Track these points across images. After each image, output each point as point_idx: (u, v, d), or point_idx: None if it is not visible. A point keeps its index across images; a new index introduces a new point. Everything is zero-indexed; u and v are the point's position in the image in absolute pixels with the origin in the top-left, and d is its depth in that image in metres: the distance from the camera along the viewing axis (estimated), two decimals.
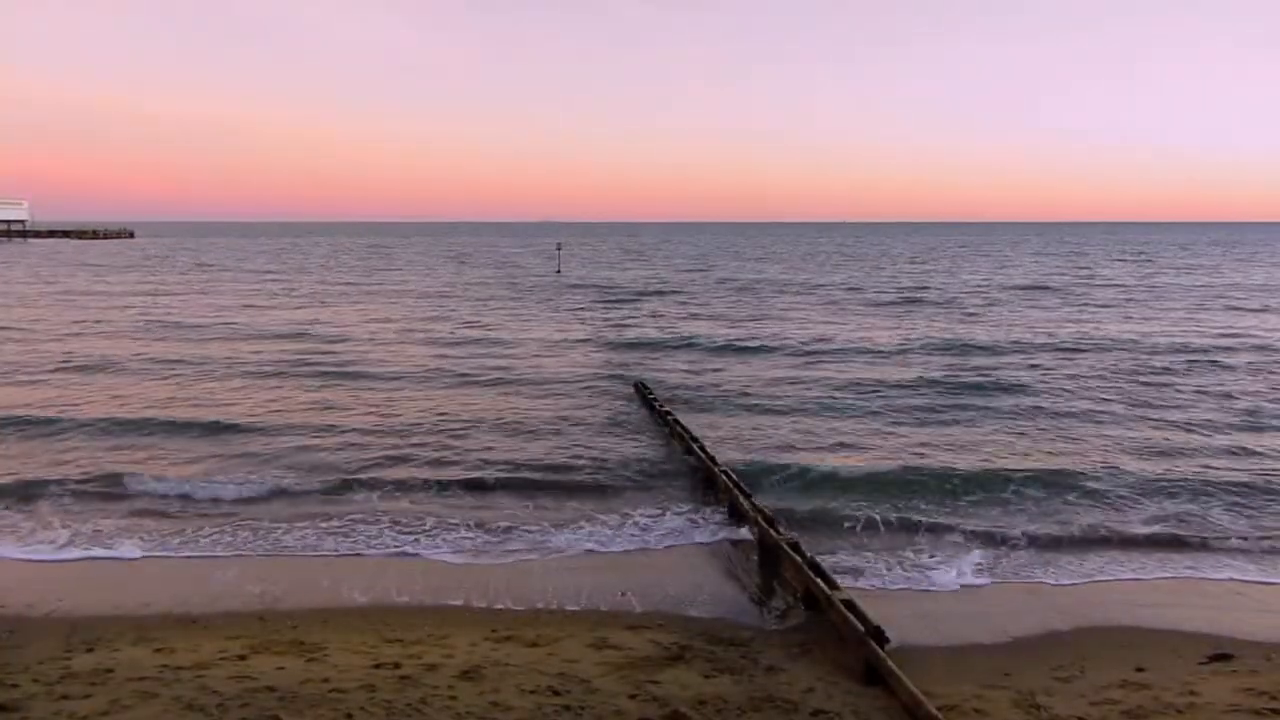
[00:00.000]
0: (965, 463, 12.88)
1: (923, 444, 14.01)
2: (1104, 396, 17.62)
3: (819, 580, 7.91)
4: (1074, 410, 16.40)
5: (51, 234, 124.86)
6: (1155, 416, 15.99)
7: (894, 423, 15.56)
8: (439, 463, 13.05)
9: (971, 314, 33.02)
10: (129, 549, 9.72)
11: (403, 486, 11.80)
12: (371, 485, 11.83)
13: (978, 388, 18.46)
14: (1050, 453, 13.56)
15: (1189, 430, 15.01)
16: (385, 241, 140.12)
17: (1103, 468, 12.61)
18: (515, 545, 9.93)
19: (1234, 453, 13.62)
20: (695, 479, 12.21)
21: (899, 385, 18.74)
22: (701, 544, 10.00)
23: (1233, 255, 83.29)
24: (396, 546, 9.89)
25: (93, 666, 6.67)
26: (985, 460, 13.05)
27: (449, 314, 33.73)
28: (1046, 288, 45.04)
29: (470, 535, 10.18)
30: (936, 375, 19.79)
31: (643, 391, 17.89)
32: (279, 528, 10.39)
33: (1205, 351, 23.11)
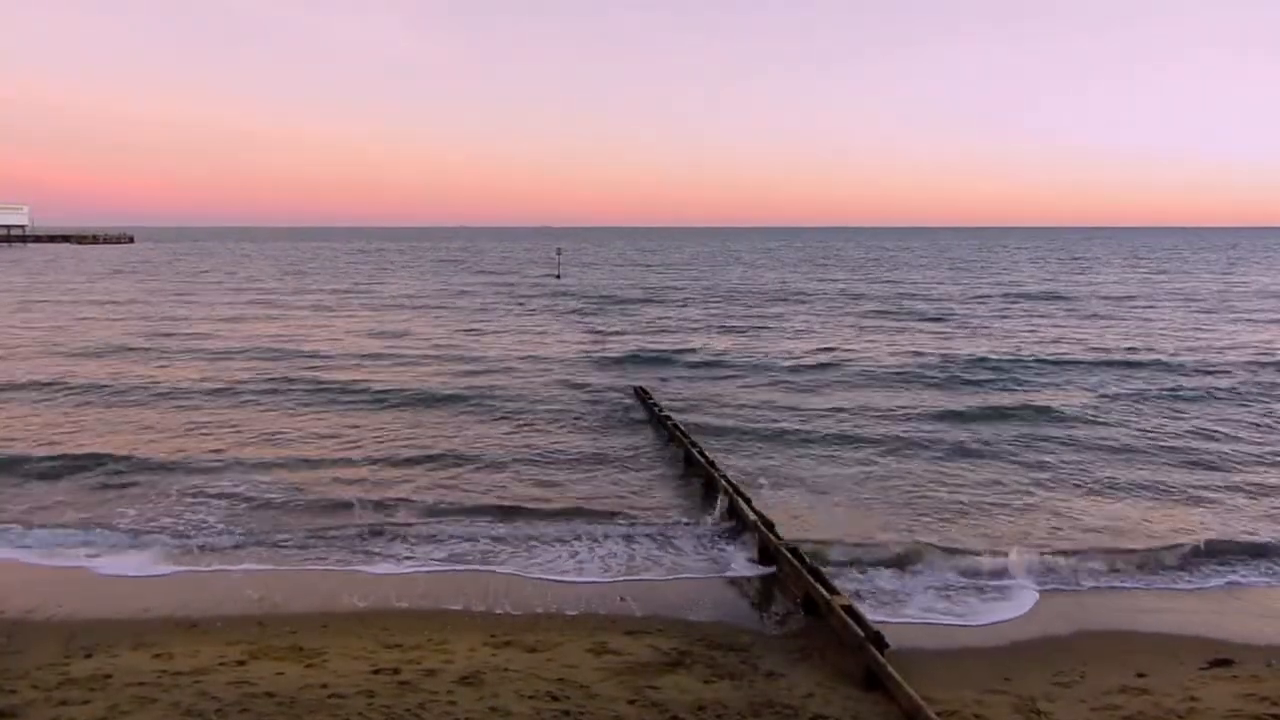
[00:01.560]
0: (973, 492, 12.20)
1: (926, 466, 13.40)
2: (1123, 420, 16.52)
3: (819, 585, 7.90)
4: (1096, 440, 15.03)
5: (52, 239, 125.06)
6: (1172, 444, 14.79)
7: (895, 449, 14.45)
8: (438, 475, 12.94)
9: (977, 326, 31.81)
10: (127, 558, 9.68)
11: (403, 502, 11.66)
12: (371, 500, 11.65)
13: (984, 407, 17.46)
14: (1067, 484, 12.60)
15: (1213, 462, 13.86)
16: (384, 246, 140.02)
17: (1119, 504, 11.77)
18: (517, 552, 9.90)
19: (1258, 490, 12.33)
20: (696, 484, 12.21)
21: (897, 407, 17.66)
22: (703, 544, 9.99)
23: (1234, 259, 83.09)
24: (397, 554, 9.85)
25: (91, 672, 6.67)
26: (998, 487, 12.37)
27: (447, 322, 33.61)
28: (1056, 296, 43.92)
29: (469, 544, 10.12)
30: (938, 391, 19.20)
31: (642, 396, 17.90)
32: (277, 535, 10.36)
33: (1227, 371, 21.85)
